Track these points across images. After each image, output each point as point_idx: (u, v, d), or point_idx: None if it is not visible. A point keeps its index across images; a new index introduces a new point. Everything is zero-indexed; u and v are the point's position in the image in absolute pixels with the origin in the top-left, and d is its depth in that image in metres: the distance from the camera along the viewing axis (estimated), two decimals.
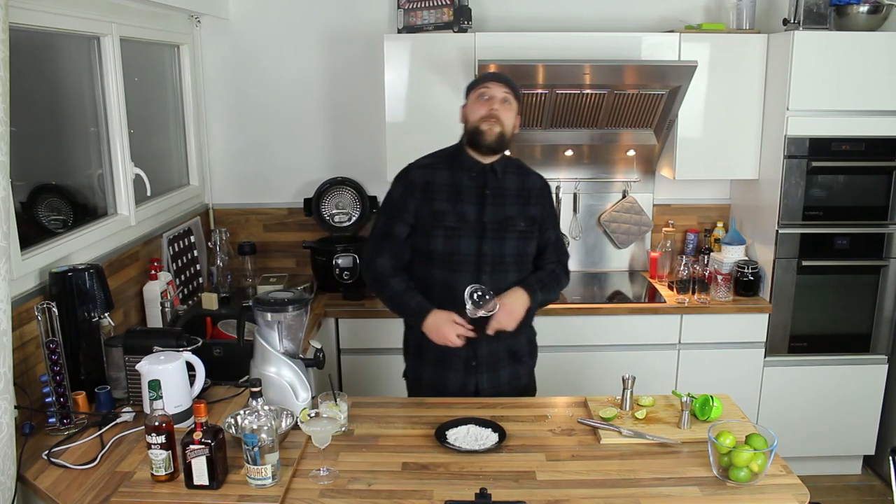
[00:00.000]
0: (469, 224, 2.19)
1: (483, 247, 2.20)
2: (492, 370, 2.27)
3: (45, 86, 2.46)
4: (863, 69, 2.98)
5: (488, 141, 2.15)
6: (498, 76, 2.21)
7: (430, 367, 2.30)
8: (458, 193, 2.21)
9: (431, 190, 2.22)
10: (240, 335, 2.12)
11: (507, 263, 2.22)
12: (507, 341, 2.26)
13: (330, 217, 3.49)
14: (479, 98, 2.17)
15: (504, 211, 2.21)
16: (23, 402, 1.94)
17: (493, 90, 2.16)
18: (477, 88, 2.19)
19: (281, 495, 1.62)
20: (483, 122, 2.15)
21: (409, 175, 2.27)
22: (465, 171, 2.22)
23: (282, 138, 3.52)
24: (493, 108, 2.14)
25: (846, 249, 3.14)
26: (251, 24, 3.41)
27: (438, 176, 2.23)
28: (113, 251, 2.59)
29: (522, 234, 2.24)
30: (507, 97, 2.16)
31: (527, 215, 2.24)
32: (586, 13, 3.40)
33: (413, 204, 2.22)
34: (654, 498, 1.65)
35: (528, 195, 2.26)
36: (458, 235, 2.19)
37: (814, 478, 3.30)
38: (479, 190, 2.21)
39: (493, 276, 2.19)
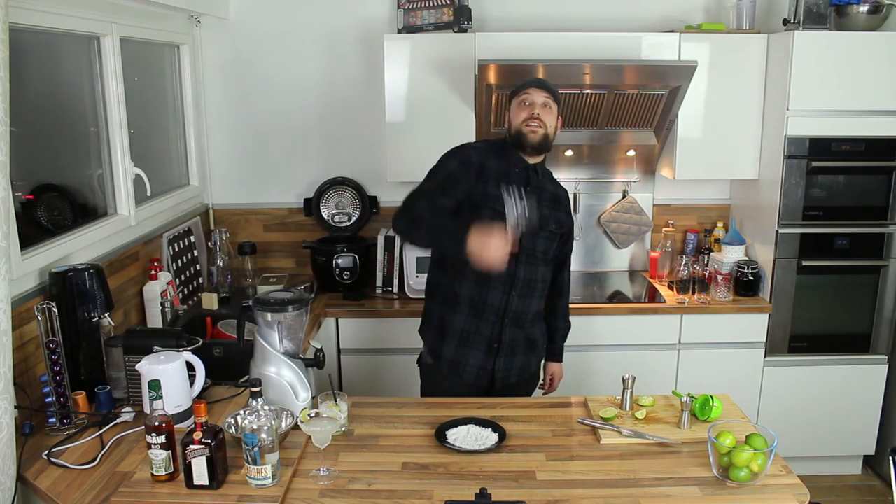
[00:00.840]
0: None
1: (521, 238, 2.27)
2: (509, 355, 2.36)
3: (45, 86, 2.46)
4: (863, 69, 2.98)
5: (532, 141, 2.25)
6: (538, 82, 2.29)
7: (452, 345, 2.36)
8: (507, 182, 2.28)
9: (487, 172, 2.28)
10: (240, 335, 2.12)
11: (538, 257, 2.34)
12: (528, 330, 2.39)
13: (330, 217, 3.49)
14: (520, 105, 2.26)
15: (540, 210, 2.31)
16: (23, 402, 1.94)
17: (533, 96, 2.25)
18: (518, 95, 2.28)
19: (281, 495, 1.62)
20: (525, 126, 2.24)
21: (467, 152, 2.31)
22: (513, 165, 2.31)
23: (282, 138, 3.52)
24: (535, 112, 2.23)
25: (846, 249, 3.14)
26: (251, 24, 3.41)
27: (492, 161, 2.30)
28: (113, 251, 2.59)
29: (552, 234, 2.36)
30: (547, 101, 2.25)
31: (557, 219, 2.37)
32: (586, 13, 3.40)
33: (467, 181, 2.26)
34: (654, 498, 1.65)
35: (559, 201, 2.41)
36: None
37: (814, 478, 3.30)
38: (523, 184, 2.30)
39: (526, 267, 2.31)
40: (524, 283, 2.31)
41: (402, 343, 3.10)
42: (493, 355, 2.34)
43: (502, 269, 2.06)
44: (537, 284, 2.36)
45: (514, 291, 2.30)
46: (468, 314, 2.32)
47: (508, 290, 2.30)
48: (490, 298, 2.30)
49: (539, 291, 2.38)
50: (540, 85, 2.28)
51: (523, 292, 2.32)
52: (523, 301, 2.33)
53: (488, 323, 2.32)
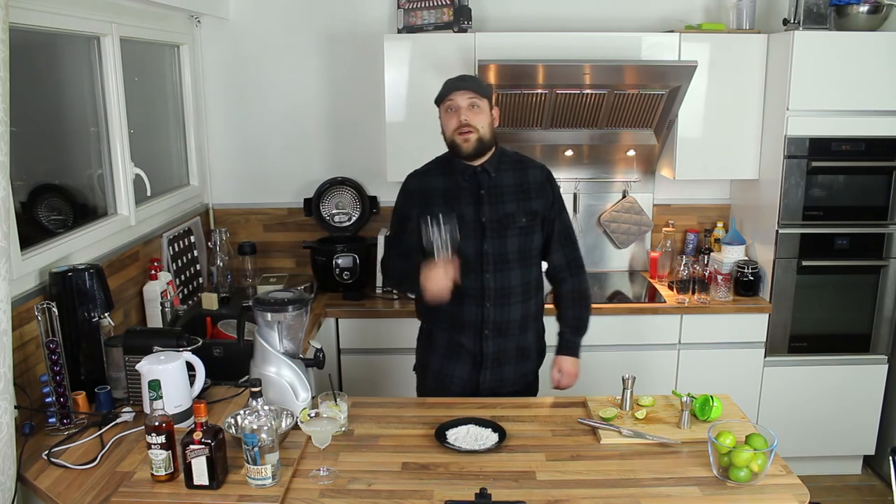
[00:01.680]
0: (467, 225, 2.21)
1: (484, 246, 2.22)
2: (496, 366, 2.30)
3: (45, 86, 2.46)
4: (863, 69, 2.98)
5: (467, 151, 2.19)
6: (458, 84, 2.20)
7: (438, 358, 2.34)
8: (455, 197, 2.24)
9: (429, 196, 2.26)
10: (240, 335, 2.12)
11: (509, 261, 2.24)
12: (516, 339, 2.30)
13: (330, 217, 3.49)
14: (447, 112, 2.20)
15: (503, 208, 2.23)
16: (23, 402, 1.94)
17: (457, 100, 2.16)
18: (443, 102, 2.20)
19: (281, 495, 1.62)
20: (456, 135, 2.18)
21: (406, 185, 2.34)
22: (459, 175, 2.25)
23: (282, 138, 3.52)
24: (462, 119, 2.16)
25: (846, 249, 3.14)
26: (251, 24, 3.41)
27: (434, 182, 2.28)
28: (113, 251, 2.59)
29: (524, 229, 2.25)
30: (473, 102, 2.16)
31: (528, 210, 2.25)
32: (586, 13, 3.40)
33: (415, 212, 2.26)
34: (654, 498, 1.65)
35: (528, 189, 2.27)
36: None
37: (814, 478, 3.30)
38: (475, 191, 2.24)
39: (497, 275, 2.23)
40: (497, 291, 2.24)
41: (402, 343, 3.09)
42: (479, 368, 2.29)
43: (445, 299, 2.10)
44: (514, 290, 2.25)
45: (488, 303, 2.24)
46: (450, 329, 2.30)
47: (481, 302, 2.24)
48: (466, 313, 2.25)
49: (519, 296, 2.27)
50: (462, 86, 2.18)
51: (498, 301, 2.24)
52: (501, 310, 2.25)
53: (469, 337, 2.28)
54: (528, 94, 3.07)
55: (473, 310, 2.24)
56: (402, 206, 2.33)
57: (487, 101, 2.21)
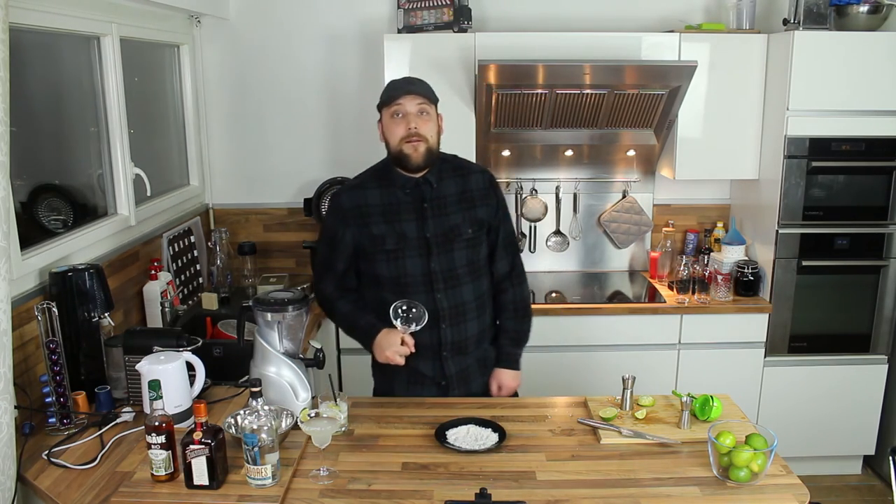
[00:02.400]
0: (411, 242, 2.09)
1: (431, 264, 2.10)
2: (462, 384, 2.21)
3: (45, 86, 2.46)
4: (863, 69, 2.98)
5: (416, 163, 2.03)
6: (408, 87, 2.02)
7: (403, 386, 2.24)
8: (395, 212, 2.09)
9: (365, 213, 2.10)
10: (240, 335, 2.12)
11: (460, 276, 2.12)
12: (475, 353, 2.20)
13: None
14: (393, 117, 2.02)
15: (448, 221, 2.10)
16: (23, 402, 1.94)
17: (405, 105, 2.00)
18: (389, 106, 2.02)
19: (281, 495, 1.62)
20: (404, 144, 2.02)
21: (338, 202, 2.15)
22: (399, 188, 2.10)
23: (282, 138, 3.52)
24: (410, 127, 2.00)
25: (846, 249, 3.14)
26: (251, 24, 3.41)
27: (370, 197, 2.11)
28: (113, 251, 2.59)
29: (471, 241, 2.13)
30: (422, 108, 2.01)
31: (474, 219, 2.13)
32: (586, 13, 3.40)
33: (348, 233, 2.12)
34: (654, 498, 1.65)
35: (471, 197, 2.14)
36: (402, 256, 2.09)
37: (814, 478, 3.30)
38: (417, 204, 2.09)
39: (447, 293, 2.11)
40: (451, 310, 2.11)
41: None
42: (445, 391, 2.19)
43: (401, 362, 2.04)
44: (468, 305, 2.14)
45: (443, 324, 2.12)
46: (407, 356, 2.10)
47: (436, 324, 2.10)
48: (421, 338, 2.07)
49: (474, 311, 2.16)
50: (411, 90, 2.01)
51: (454, 321, 2.13)
52: (457, 330, 2.14)
53: (427, 362, 2.16)
54: (528, 94, 3.07)
55: (427, 333, 2.08)
56: (334, 227, 2.14)
57: (435, 107, 2.06)
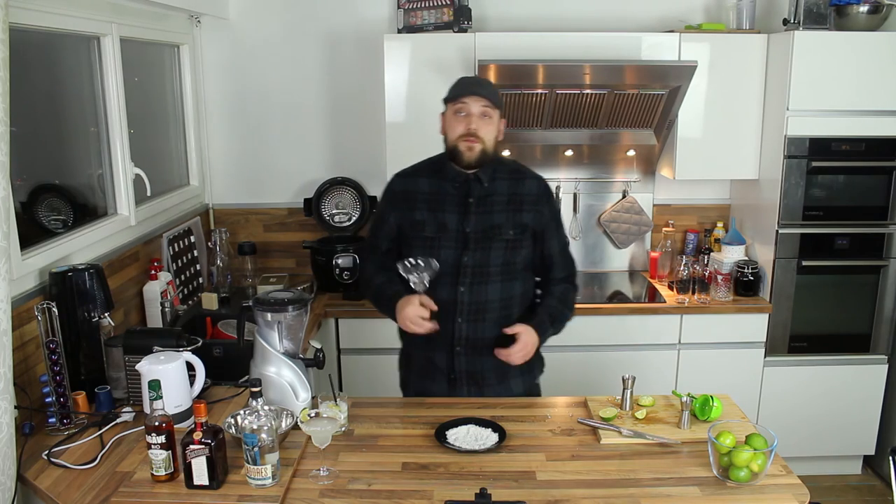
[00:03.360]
0: (450, 234, 2.12)
1: (463, 257, 2.11)
2: (472, 385, 2.20)
3: (45, 86, 2.46)
4: (863, 69, 2.98)
5: (468, 161, 2.08)
6: (475, 89, 2.06)
7: (416, 376, 2.27)
8: (440, 202, 2.14)
9: (412, 199, 2.16)
10: (240, 335, 2.12)
11: (490, 274, 2.13)
12: (494, 358, 2.14)
13: (330, 217, 3.49)
14: (456, 115, 2.07)
15: (490, 219, 2.13)
16: (23, 402, 1.94)
17: (469, 106, 2.04)
18: (454, 103, 2.07)
19: (281, 495, 1.62)
20: (461, 142, 2.06)
21: (390, 185, 2.24)
22: (449, 181, 2.15)
23: (282, 138, 3.52)
24: (470, 127, 2.04)
25: (846, 249, 3.14)
26: (251, 24, 3.41)
27: (420, 184, 2.18)
28: (113, 251, 2.59)
29: (511, 242, 2.13)
30: (485, 111, 2.05)
31: (517, 223, 2.14)
32: (586, 13, 3.40)
33: (394, 215, 2.19)
34: (654, 498, 1.65)
35: (520, 201, 2.16)
36: (438, 245, 2.12)
37: (814, 478, 3.30)
38: (463, 199, 2.13)
39: (472, 288, 2.11)
40: (470, 306, 2.12)
41: None
42: (454, 386, 2.19)
43: (424, 331, 2.04)
44: (491, 304, 2.12)
45: (460, 318, 2.12)
46: (423, 346, 2.19)
47: (453, 316, 2.12)
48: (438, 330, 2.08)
49: (496, 311, 2.14)
50: (478, 92, 2.04)
51: (472, 317, 2.13)
52: (474, 326, 2.13)
53: (441, 354, 2.17)
54: (528, 94, 3.07)
55: (444, 325, 2.11)
56: (382, 208, 2.24)
57: (499, 113, 2.10)
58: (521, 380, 2.25)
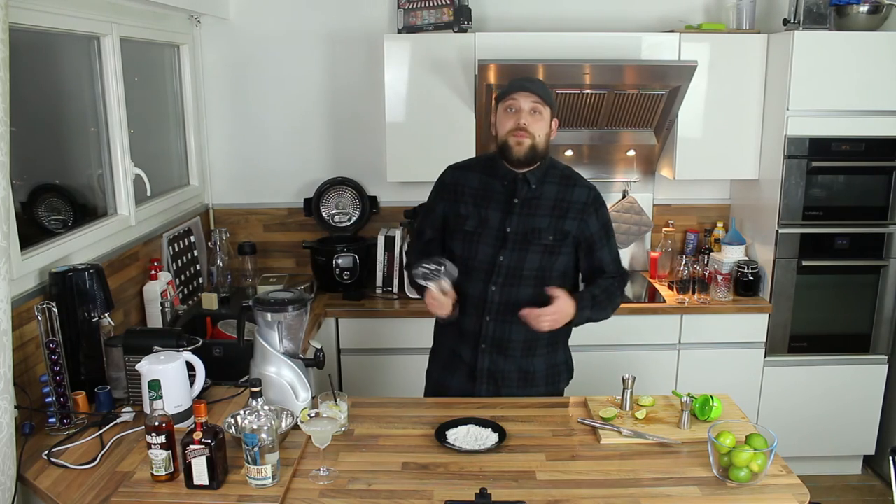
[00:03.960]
0: (490, 231, 2.13)
1: (500, 256, 2.13)
2: (491, 384, 2.21)
3: (45, 86, 2.46)
4: (863, 69, 2.98)
5: (518, 155, 2.08)
6: (525, 86, 2.07)
7: (439, 367, 2.32)
8: (486, 199, 2.16)
9: (460, 192, 2.19)
10: (240, 335, 2.12)
11: (524, 277, 2.13)
12: (518, 361, 2.18)
13: (330, 217, 3.49)
14: (507, 111, 2.08)
15: (533, 222, 2.13)
16: (23, 402, 1.94)
17: (520, 101, 2.06)
18: (505, 100, 2.09)
19: (281, 495, 1.62)
20: (511, 137, 2.07)
21: (442, 175, 2.28)
22: (499, 179, 2.16)
23: (282, 138, 3.52)
24: (520, 122, 2.05)
25: (846, 249, 3.14)
26: (251, 24, 3.41)
27: (470, 178, 2.20)
28: (113, 251, 2.59)
29: (549, 248, 2.13)
30: (535, 106, 2.05)
31: (559, 229, 2.13)
32: (586, 13, 3.40)
33: (442, 205, 2.23)
34: (654, 498, 1.65)
35: (566, 208, 2.14)
36: (477, 241, 2.15)
37: (814, 478, 3.30)
38: (508, 198, 2.14)
39: (504, 289, 2.12)
40: (499, 306, 2.13)
41: (402, 343, 3.10)
42: (473, 381, 2.21)
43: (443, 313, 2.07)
44: (522, 307, 2.08)
45: (488, 316, 2.14)
46: (451, 338, 2.24)
47: (481, 313, 2.14)
48: (466, 323, 2.17)
49: None
50: (528, 88, 2.06)
51: (500, 317, 2.14)
52: (501, 327, 2.14)
53: (467, 348, 2.20)
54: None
55: (473, 320, 2.16)
56: (433, 196, 2.28)
57: (550, 111, 2.10)
58: (545, 388, 2.24)
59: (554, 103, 2.12)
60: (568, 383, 2.35)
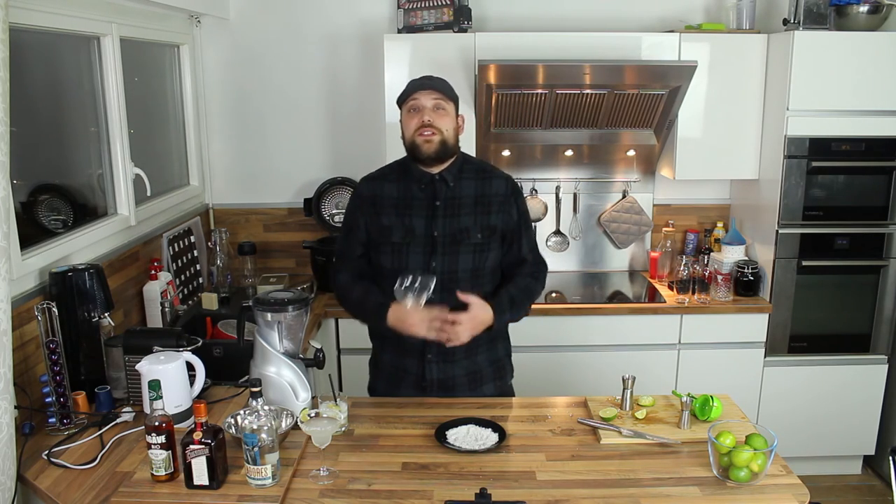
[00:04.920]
0: (418, 238, 2.08)
1: (432, 262, 2.08)
2: (444, 392, 2.16)
3: (45, 86, 2.46)
4: (863, 69, 2.98)
5: (428, 153, 2.03)
6: (424, 83, 2.05)
7: (384, 384, 2.25)
8: (407, 206, 2.10)
9: (379, 203, 2.13)
10: (240, 335, 2.12)
11: (459, 280, 2.08)
12: (465, 363, 2.15)
13: (330, 217, 3.49)
14: (410, 112, 2.05)
15: (458, 222, 2.08)
16: (23, 402, 1.94)
17: (421, 100, 2.02)
18: (406, 102, 2.05)
19: (281, 495, 1.62)
20: (418, 135, 2.03)
21: (358, 189, 2.22)
22: (415, 183, 2.11)
23: (282, 138, 3.52)
24: (424, 119, 2.01)
25: (846, 249, 3.14)
26: (251, 24, 3.41)
27: (387, 189, 2.14)
28: (113, 251, 2.59)
29: (479, 246, 2.09)
30: (438, 103, 2.03)
31: (485, 225, 2.10)
32: (586, 13, 3.40)
33: (363, 219, 2.15)
34: (654, 498, 1.65)
35: (488, 202, 2.11)
36: (406, 251, 2.09)
37: (814, 478, 3.30)
38: (430, 201, 2.09)
39: (441, 294, 2.04)
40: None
41: None
42: (424, 393, 2.16)
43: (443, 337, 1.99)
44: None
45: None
46: (393, 352, 2.18)
47: None
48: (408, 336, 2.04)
49: None
50: (427, 86, 2.03)
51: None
52: None
53: (412, 361, 2.15)
54: (528, 94, 3.07)
55: None
56: (351, 213, 2.20)
57: (454, 105, 2.08)
58: (493, 384, 2.23)
59: (457, 98, 2.10)
60: (512, 377, 2.32)
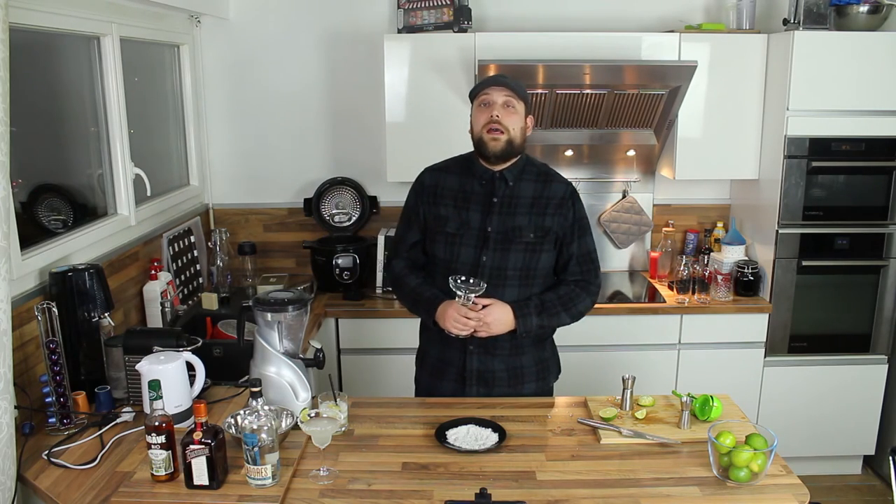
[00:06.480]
0: (471, 232, 2.13)
1: (482, 257, 2.12)
2: (482, 385, 2.19)
3: (45, 86, 2.46)
4: (863, 69, 2.98)
5: (493, 151, 2.07)
6: (498, 79, 2.08)
7: (427, 374, 2.30)
8: (465, 200, 2.15)
9: (439, 194, 2.18)
10: (240, 335, 2.12)
11: (508, 277, 2.12)
12: (507, 360, 2.18)
13: (330, 217, 3.49)
14: (480, 106, 2.08)
15: (513, 220, 2.12)
16: (23, 402, 1.94)
17: (492, 96, 2.05)
18: (478, 96, 2.09)
19: (281, 495, 1.62)
20: (485, 132, 2.06)
21: (420, 178, 2.25)
22: (476, 178, 2.15)
23: (282, 138, 3.52)
24: (493, 116, 2.04)
25: (846, 249, 3.14)
26: (251, 24, 3.41)
27: (448, 180, 2.19)
28: (113, 251, 2.59)
29: (530, 245, 2.12)
30: (508, 101, 2.05)
31: (539, 226, 2.12)
32: (586, 13, 3.40)
33: (422, 207, 2.21)
34: (654, 498, 1.65)
35: (545, 204, 2.14)
36: (459, 243, 2.14)
37: (814, 478, 3.29)
38: (487, 197, 2.13)
39: (488, 290, 2.07)
40: None
41: (402, 343, 3.09)
42: (463, 385, 2.19)
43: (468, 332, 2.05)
44: None
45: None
46: (438, 344, 2.22)
47: None
48: None
49: None
50: (500, 82, 2.05)
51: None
52: None
53: (454, 351, 2.18)
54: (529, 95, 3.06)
55: None
56: (412, 200, 2.24)
57: (525, 106, 2.10)
58: (535, 385, 2.24)
59: (528, 100, 2.12)
60: (557, 378, 2.34)
